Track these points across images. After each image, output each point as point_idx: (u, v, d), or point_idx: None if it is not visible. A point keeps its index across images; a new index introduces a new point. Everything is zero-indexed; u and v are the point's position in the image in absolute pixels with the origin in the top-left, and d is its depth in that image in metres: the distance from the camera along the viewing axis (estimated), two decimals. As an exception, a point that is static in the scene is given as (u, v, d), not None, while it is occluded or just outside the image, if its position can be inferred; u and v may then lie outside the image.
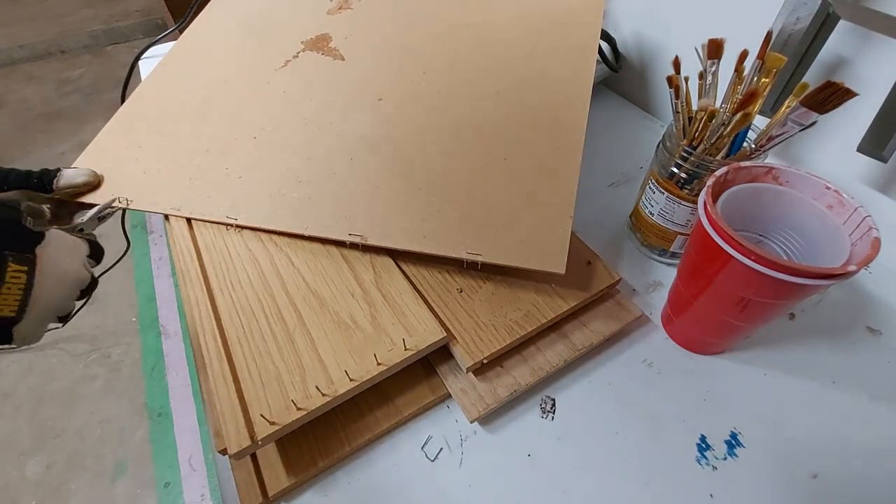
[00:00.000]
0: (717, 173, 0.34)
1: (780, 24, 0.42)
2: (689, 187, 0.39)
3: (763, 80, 0.38)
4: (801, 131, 0.35)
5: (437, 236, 0.37)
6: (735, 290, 0.32)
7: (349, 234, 0.38)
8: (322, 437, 0.35)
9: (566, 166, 0.41)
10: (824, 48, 0.42)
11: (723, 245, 0.30)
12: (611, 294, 0.41)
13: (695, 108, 0.38)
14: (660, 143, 0.41)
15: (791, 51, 0.42)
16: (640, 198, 0.45)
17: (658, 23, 0.59)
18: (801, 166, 0.36)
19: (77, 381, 1.21)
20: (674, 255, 0.45)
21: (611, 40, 0.63)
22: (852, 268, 0.28)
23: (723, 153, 0.39)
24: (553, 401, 0.38)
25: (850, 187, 0.44)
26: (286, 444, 0.34)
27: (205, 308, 0.35)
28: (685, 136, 0.39)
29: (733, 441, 0.35)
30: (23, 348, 1.24)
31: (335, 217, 0.39)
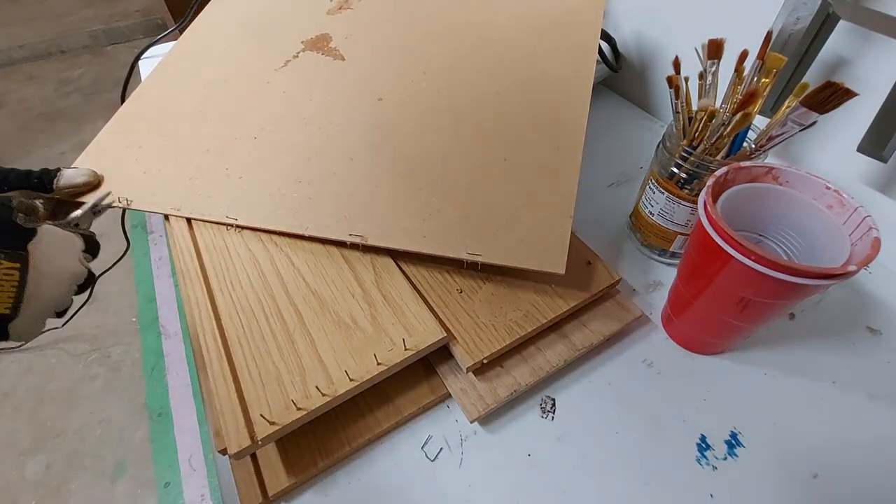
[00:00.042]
0: (717, 173, 0.34)
1: (780, 24, 0.42)
2: (689, 187, 0.39)
3: (763, 80, 0.38)
4: (801, 131, 0.35)
5: (437, 236, 0.37)
6: (735, 290, 0.32)
7: (349, 235, 0.38)
8: (322, 437, 0.35)
9: (566, 166, 0.41)
10: (824, 48, 0.42)
11: (723, 245, 0.30)
12: (611, 294, 0.41)
13: (695, 108, 0.38)
14: (660, 143, 0.41)
15: (791, 51, 0.42)
16: (640, 198, 0.45)
17: (658, 23, 0.59)
18: (801, 166, 0.36)
19: (77, 381, 1.21)
20: (674, 255, 0.45)
21: (611, 40, 0.63)
22: (852, 268, 0.28)
23: (723, 153, 0.39)
24: (553, 401, 0.38)
25: (850, 187, 0.44)
26: (286, 444, 0.34)
27: (205, 308, 0.35)
28: (685, 136, 0.39)
29: (733, 441, 0.35)
30: (23, 347, 1.25)
31: (335, 217, 0.39)
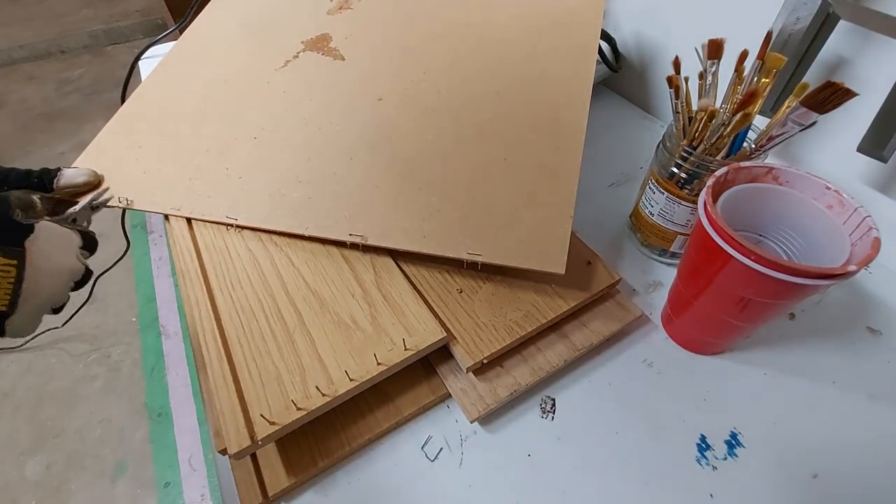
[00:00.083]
0: (717, 173, 0.34)
1: (780, 24, 0.42)
2: (689, 187, 0.39)
3: (763, 80, 0.38)
4: (801, 131, 0.35)
5: (437, 236, 0.37)
6: (735, 290, 0.32)
7: (349, 234, 0.38)
8: (322, 437, 0.35)
9: (566, 166, 0.41)
10: (824, 48, 0.42)
11: (723, 245, 0.30)
12: (611, 294, 0.41)
13: (695, 108, 0.38)
14: (660, 143, 0.41)
15: (791, 51, 0.42)
16: (640, 198, 0.45)
17: (658, 23, 0.59)
18: (801, 166, 0.36)
19: (77, 381, 1.21)
20: (674, 255, 0.45)
21: (611, 40, 0.63)
22: (852, 268, 0.28)
23: (723, 153, 0.39)
24: (553, 401, 0.38)
25: (850, 187, 0.44)
26: (286, 444, 0.34)
27: (205, 308, 0.35)
28: (685, 136, 0.39)
29: (733, 441, 0.35)
30: (22, 347, 1.25)
31: (335, 217, 0.39)
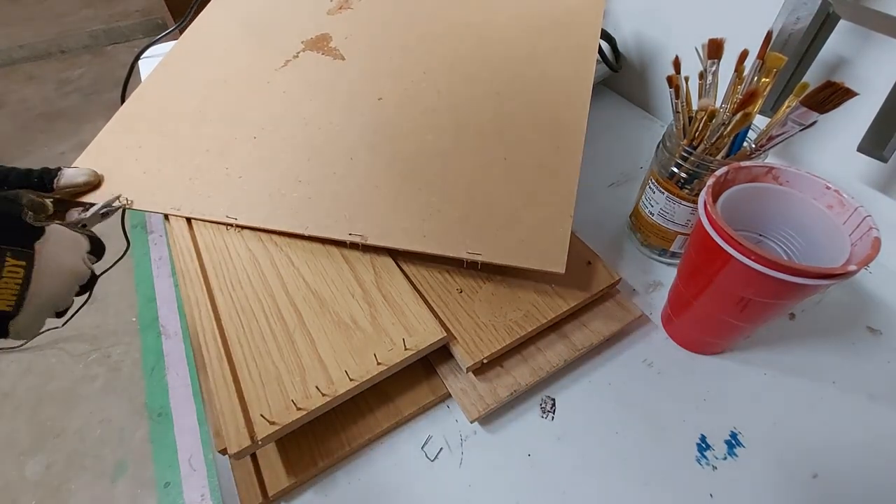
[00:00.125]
0: (717, 173, 0.34)
1: (780, 23, 0.42)
2: (689, 187, 0.39)
3: (763, 79, 0.38)
4: (801, 131, 0.35)
5: (437, 236, 0.37)
6: (735, 290, 0.32)
7: (349, 234, 0.38)
8: (322, 437, 0.35)
9: (566, 166, 0.41)
10: (824, 48, 0.42)
11: (723, 245, 0.30)
12: (611, 294, 0.41)
13: (695, 108, 0.38)
14: (660, 143, 0.41)
15: (791, 51, 0.42)
16: (640, 198, 0.45)
17: (658, 23, 0.59)
18: (801, 166, 0.36)
19: (77, 381, 1.21)
20: (674, 255, 0.45)
21: (611, 40, 0.63)
22: (852, 268, 0.28)
23: (723, 153, 0.39)
24: (553, 401, 0.38)
25: (850, 187, 0.44)
26: (286, 444, 0.34)
27: (205, 308, 0.35)
28: (685, 136, 0.39)
29: (733, 441, 0.35)
30: (23, 347, 1.25)
31: (335, 217, 0.39)
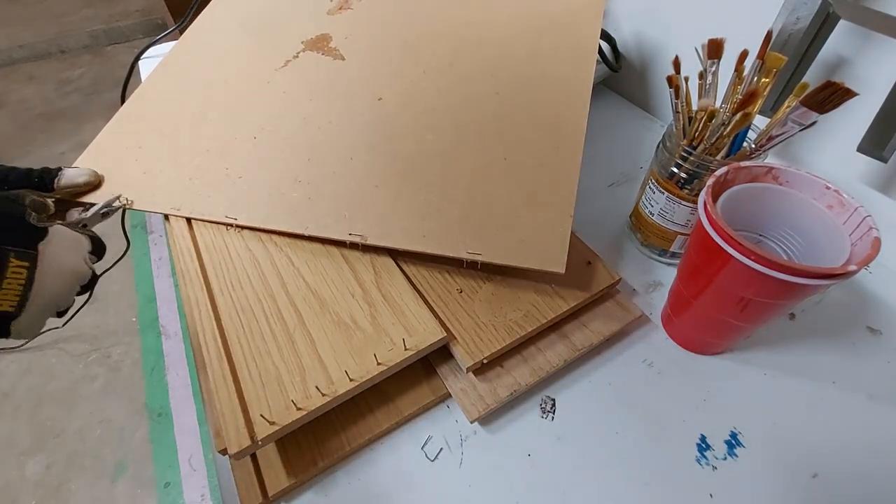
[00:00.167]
0: (717, 173, 0.34)
1: (780, 23, 0.42)
2: (689, 187, 0.39)
3: (763, 79, 0.38)
4: (801, 131, 0.35)
5: (437, 236, 0.37)
6: (735, 290, 0.32)
7: (349, 234, 0.38)
8: (322, 437, 0.35)
9: (566, 166, 0.41)
10: (824, 48, 0.42)
11: (723, 245, 0.30)
12: (611, 294, 0.41)
13: (695, 108, 0.38)
14: (660, 143, 0.41)
15: (791, 51, 0.42)
16: (640, 198, 0.45)
17: (658, 23, 0.59)
18: (801, 166, 0.36)
19: (77, 381, 1.21)
20: (674, 255, 0.45)
21: (611, 40, 0.63)
22: (852, 268, 0.28)
23: (723, 153, 0.39)
24: (553, 401, 0.38)
25: (850, 187, 0.44)
26: (286, 444, 0.34)
27: (205, 308, 0.35)
28: (685, 136, 0.39)
29: (733, 441, 0.35)
30: (23, 347, 1.25)
31: (335, 217, 0.39)
